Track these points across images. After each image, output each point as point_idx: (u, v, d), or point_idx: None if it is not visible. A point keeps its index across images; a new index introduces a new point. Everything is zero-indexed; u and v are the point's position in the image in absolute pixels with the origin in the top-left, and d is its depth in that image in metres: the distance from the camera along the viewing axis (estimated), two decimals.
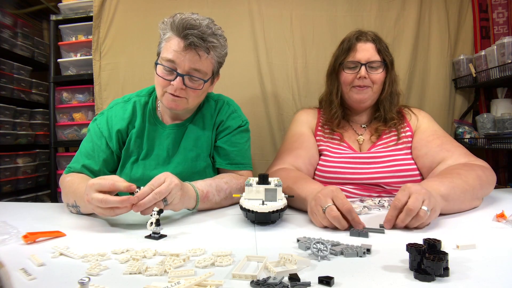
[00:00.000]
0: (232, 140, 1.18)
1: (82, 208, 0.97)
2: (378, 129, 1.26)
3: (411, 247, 0.57)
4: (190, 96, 1.06)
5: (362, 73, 1.20)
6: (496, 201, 1.07)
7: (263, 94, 1.85)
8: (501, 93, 1.86)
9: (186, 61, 1.01)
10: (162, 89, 1.06)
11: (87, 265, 0.61)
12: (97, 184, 0.82)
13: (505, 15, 1.90)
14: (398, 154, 1.20)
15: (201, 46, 1.00)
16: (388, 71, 1.25)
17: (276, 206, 0.83)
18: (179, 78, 1.02)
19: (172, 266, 0.60)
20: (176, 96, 1.04)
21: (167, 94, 1.06)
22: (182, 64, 1.01)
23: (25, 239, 0.75)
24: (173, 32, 1.01)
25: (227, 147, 1.17)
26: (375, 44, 1.23)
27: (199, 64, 1.03)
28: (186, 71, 1.02)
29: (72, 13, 2.00)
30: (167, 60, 1.02)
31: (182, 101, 1.06)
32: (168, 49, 1.02)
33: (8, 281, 0.42)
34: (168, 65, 1.02)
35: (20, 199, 2.15)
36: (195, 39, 0.99)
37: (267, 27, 1.86)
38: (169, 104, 1.07)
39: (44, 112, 2.37)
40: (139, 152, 1.15)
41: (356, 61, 1.22)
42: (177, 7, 1.84)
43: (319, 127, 1.33)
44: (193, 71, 1.03)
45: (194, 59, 1.01)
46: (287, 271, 0.56)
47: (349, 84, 1.25)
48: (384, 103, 1.26)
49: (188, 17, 1.00)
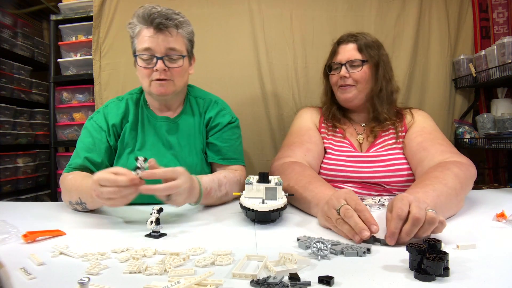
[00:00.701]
0: (223, 137, 1.22)
1: (89, 204, 0.98)
2: (373, 130, 1.27)
3: (412, 247, 0.57)
4: (174, 77, 1.12)
5: (341, 73, 1.24)
6: (496, 201, 1.08)
7: (263, 94, 1.85)
8: (501, 93, 1.86)
9: (160, 42, 1.07)
10: (148, 79, 1.11)
11: (87, 264, 0.61)
12: (102, 179, 0.81)
13: (505, 15, 1.90)
14: (397, 153, 1.20)
15: (169, 24, 1.08)
16: (373, 68, 1.24)
17: (276, 205, 0.83)
18: (159, 61, 1.08)
19: (172, 265, 0.60)
20: (162, 80, 1.10)
21: (153, 82, 1.11)
22: (158, 47, 1.07)
23: (25, 238, 0.75)
24: (141, 25, 1.09)
25: (219, 143, 1.21)
26: (356, 44, 1.25)
27: (172, 43, 1.09)
28: (163, 52, 1.08)
29: (72, 13, 2.00)
30: (144, 49, 1.08)
31: (169, 83, 1.11)
32: (142, 40, 1.08)
33: (8, 280, 0.42)
34: (146, 53, 1.08)
35: (20, 199, 2.15)
36: (161, 20, 1.06)
37: (267, 27, 1.86)
38: (158, 90, 1.11)
39: (44, 112, 2.37)
40: (134, 143, 1.18)
41: (337, 63, 1.27)
42: (177, 7, 1.81)
43: (322, 124, 1.34)
44: (170, 51, 1.09)
45: (167, 39, 1.08)
46: (287, 270, 0.56)
47: (335, 85, 1.30)
48: (375, 101, 1.26)
49: (148, 7, 1.08)
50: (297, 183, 0.99)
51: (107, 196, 0.80)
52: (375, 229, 0.71)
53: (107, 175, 0.79)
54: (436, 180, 0.90)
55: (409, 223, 0.68)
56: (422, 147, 1.13)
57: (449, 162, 1.01)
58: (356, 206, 0.75)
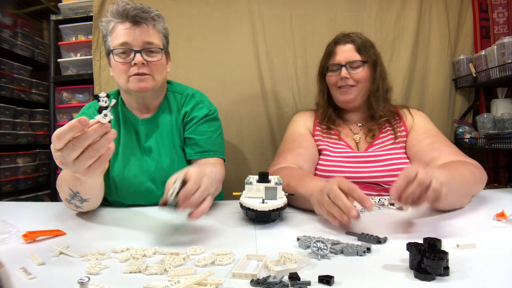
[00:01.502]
0: (199, 129, 1.17)
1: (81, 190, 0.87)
2: (371, 129, 1.27)
3: (411, 246, 0.57)
4: (153, 71, 1.08)
5: (342, 74, 1.24)
6: (496, 201, 1.07)
7: (263, 94, 1.85)
8: (501, 93, 1.86)
9: (138, 35, 1.05)
10: (125, 75, 1.07)
11: (87, 264, 0.61)
12: (58, 133, 0.63)
13: (505, 15, 1.90)
14: (396, 153, 1.20)
15: (146, 17, 1.05)
16: (372, 68, 1.27)
17: (276, 205, 0.83)
18: (138, 54, 1.04)
19: (172, 265, 0.60)
20: (141, 74, 1.06)
21: (132, 77, 1.06)
22: (135, 41, 1.05)
23: (25, 238, 0.75)
24: (115, 20, 1.06)
25: (194, 136, 1.16)
26: (354, 44, 1.26)
27: (149, 37, 1.07)
28: (141, 46, 1.05)
29: (72, 13, 2.00)
30: (120, 44, 1.05)
31: (148, 78, 1.07)
32: (117, 36, 1.05)
33: (8, 280, 0.42)
34: (123, 47, 1.05)
35: (20, 199, 2.14)
36: (138, 12, 1.04)
37: (267, 27, 1.86)
38: (137, 85, 1.06)
39: (44, 112, 2.36)
40: (117, 147, 1.14)
41: (336, 63, 1.26)
42: (177, 7, 1.84)
43: (317, 127, 1.34)
44: (147, 44, 1.06)
45: (144, 32, 1.06)
46: (287, 270, 0.56)
47: (334, 86, 1.29)
48: (372, 100, 1.28)
49: (121, 3, 1.05)
50: (288, 185, 0.99)
51: (71, 155, 0.64)
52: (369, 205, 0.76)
53: (63, 127, 0.62)
54: (455, 169, 0.95)
55: (415, 183, 0.72)
56: (434, 147, 1.14)
57: (467, 163, 1.04)
58: (348, 188, 0.77)
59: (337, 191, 0.77)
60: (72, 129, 0.62)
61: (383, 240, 0.72)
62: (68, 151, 0.64)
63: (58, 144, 0.63)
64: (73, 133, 0.62)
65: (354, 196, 0.77)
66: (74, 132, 0.62)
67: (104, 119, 0.65)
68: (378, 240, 0.71)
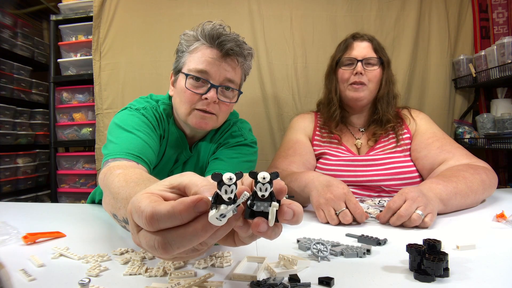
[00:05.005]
0: (226, 152, 1.04)
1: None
2: (375, 133, 1.26)
3: (411, 247, 0.57)
4: (221, 112, 0.96)
5: (358, 69, 1.22)
6: (496, 201, 1.07)
7: (263, 94, 1.86)
8: (501, 93, 1.86)
9: (222, 70, 0.92)
10: (189, 105, 0.94)
11: (87, 266, 0.61)
12: (156, 214, 0.37)
13: (505, 15, 1.90)
14: (397, 156, 1.20)
15: (239, 53, 0.93)
16: (384, 70, 1.27)
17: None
18: (213, 89, 0.92)
19: (172, 267, 0.60)
20: (207, 112, 0.94)
21: (195, 111, 0.94)
22: (216, 74, 0.92)
23: (25, 239, 0.75)
24: (203, 42, 0.93)
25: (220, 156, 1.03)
26: (371, 43, 1.26)
27: (233, 74, 0.95)
28: (220, 81, 0.93)
29: (72, 13, 2.00)
30: (198, 71, 0.92)
31: (212, 118, 0.95)
32: (199, 60, 0.92)
33: (8, 282, 0.42)
34: (201, 76, 0.92)
35: (20, 199, 2.15)
36: (232, 45, 0.91)
37: (267, 27, 1.86)
38: (198, 122, 0.94)
39: (44, 112, 2.37)
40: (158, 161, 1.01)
41: (352, 58, 1.25)
42: (177, 7, 1.84)
43: (316, 131, 1.32)
44: (227, 82, 0.94)
45: (230, 68, 0.93)
46: (287, 271, 0.56)
47: (346, 81, 1.26)
48: (381, 102, 1.26)
49: (217, 26, 0.93)
50: None
51: (179, 250, 0.39)
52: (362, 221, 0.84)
53: (163, 207, 0.37)
54: (464, 180, 0.95)
55: (395, 216, 0.81)
56: (445, 150, 1.14)
57: (480, 167, 1.04)
58: (356, 210, 0.84)
59: (348, 216, 0.83)
60: (182, 217, 0.37)
61: (383, 242, 0.71)
62: (176, 246, 0.38)
63: (151, 228, 0.38)
64: (179, 222, 0.38)
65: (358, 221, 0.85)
66: (182, 221, 0.38)
67: (218, 221, 0.38)
68: (378, 242, 0.71)
